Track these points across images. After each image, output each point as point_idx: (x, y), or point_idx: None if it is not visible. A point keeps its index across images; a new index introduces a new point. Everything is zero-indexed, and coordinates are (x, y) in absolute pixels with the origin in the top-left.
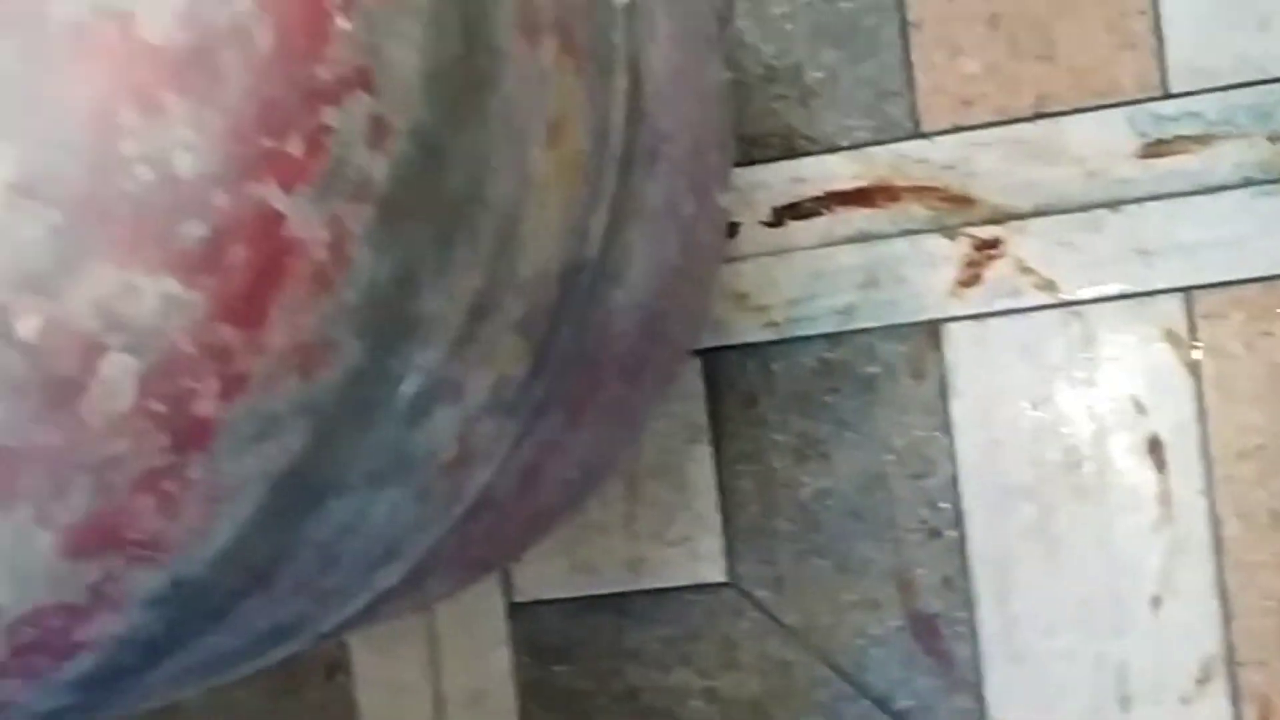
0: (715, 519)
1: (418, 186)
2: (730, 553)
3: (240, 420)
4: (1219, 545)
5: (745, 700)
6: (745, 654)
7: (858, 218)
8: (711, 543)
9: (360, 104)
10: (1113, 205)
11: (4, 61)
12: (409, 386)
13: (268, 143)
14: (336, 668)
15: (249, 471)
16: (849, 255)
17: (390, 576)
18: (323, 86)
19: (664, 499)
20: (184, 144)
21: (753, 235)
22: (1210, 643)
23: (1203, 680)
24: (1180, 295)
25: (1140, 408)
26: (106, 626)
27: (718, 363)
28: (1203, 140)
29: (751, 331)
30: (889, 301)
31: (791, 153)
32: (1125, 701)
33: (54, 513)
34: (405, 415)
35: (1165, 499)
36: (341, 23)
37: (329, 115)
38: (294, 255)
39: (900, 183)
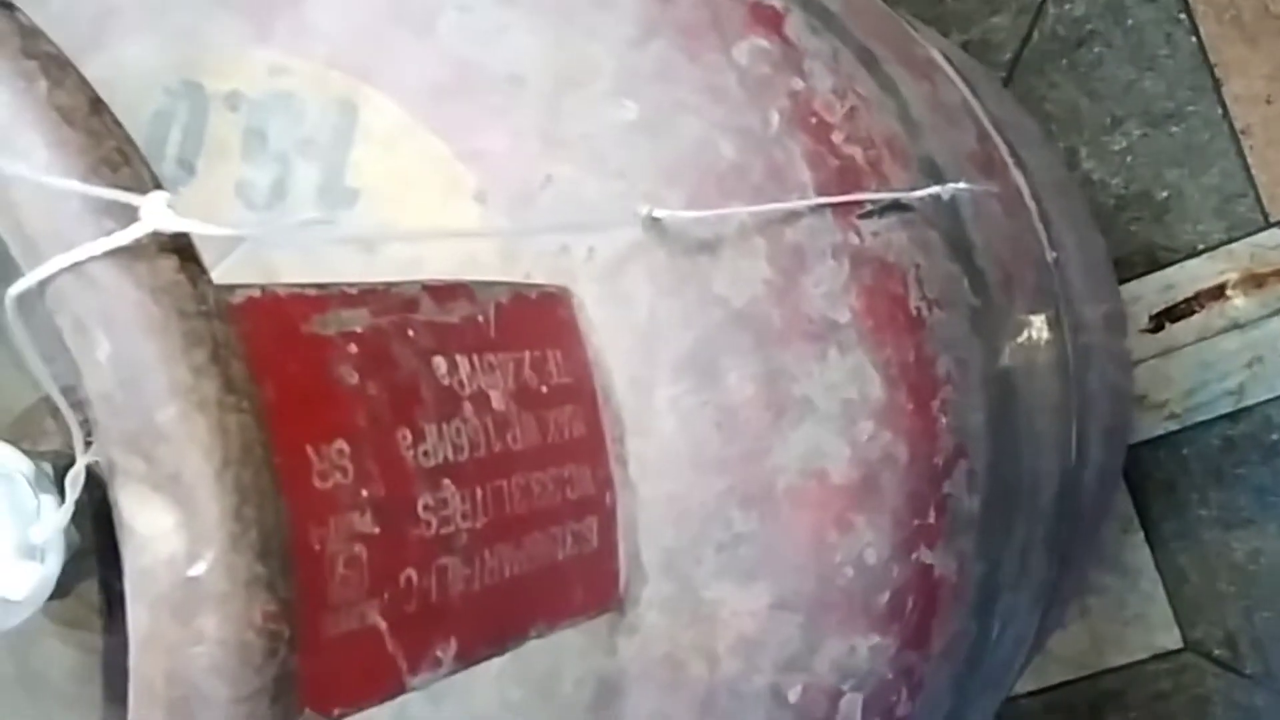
0: (1160, 594)
1: (993, 501)
2: (1181, 621)
3: (920, 709)
4: None
5: None
6: (1215, 707)
7: (1230, 308)
8: (1162, 615)
9: (961, 469)
10: None
11: (750, 527)
12: (994, 631)
13: (916, 522)
14: None
15: None
16: (1229, 342)
17: None
18: (940, 469)
19: (1111, 586)
20: (869, 543)
21: (1138, 342)
22: None
23: None
24: None
25: None
26: None
27: (1134, 459)
28: None
29: (1156, 426)
30: (1276, 374)
31: (1156, 265)
32: None
33: None
34: (992, 649)
35: None
36: (943, 420)
37: (947, 486)
38: (941, 589)
39: (1262, 269)
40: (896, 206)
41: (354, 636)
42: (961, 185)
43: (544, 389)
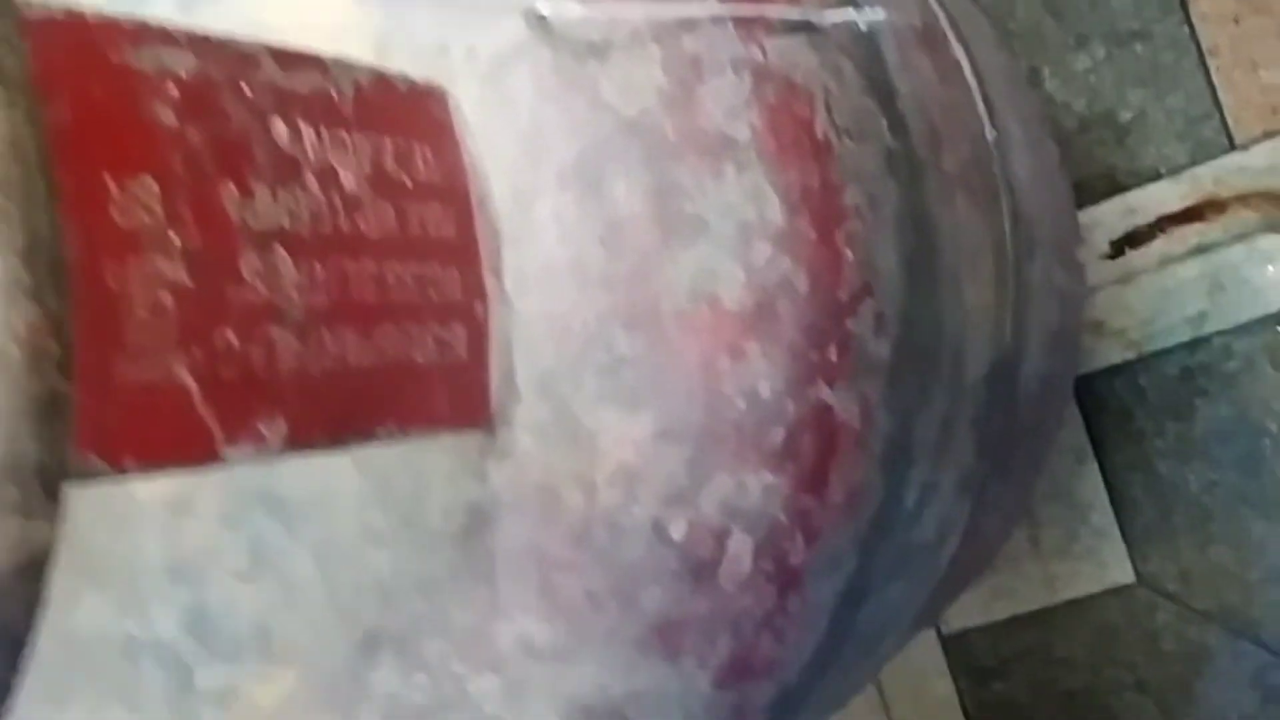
0: (1113, 527)
1: (905, 352)
2: (1134, 555)
3: (816, 560)
4: None
5: (1175, 685)
6: (1167, 643)
7: (1192, 234)
8: (1115, 549)
9: (868, 307)
10: None
11: (635, 350)
12: (910, 501)
13: (815, 356)
14: None
15: (823, 596)
16: (1190, 269)
17: (891, 648)
18: (844, 304)
19: (1062, 518)
20: (762, 374)
21: (1097, 269)
22: None
23: None
24: None
25: None
26: None
27: (1089, 387)
28: None
29: (1114, 354)
30: (1236, 302)
31: (1118, 189)
32: None
33: (707, 658)
34: (909, 522)
35: None
36: (849, 254)
37: (851, 323)
38: (841, 432)
39: (1226, 194)
40: (806, 27)
41: (156, 389)
42: (879, 14)
43: (408, 182)
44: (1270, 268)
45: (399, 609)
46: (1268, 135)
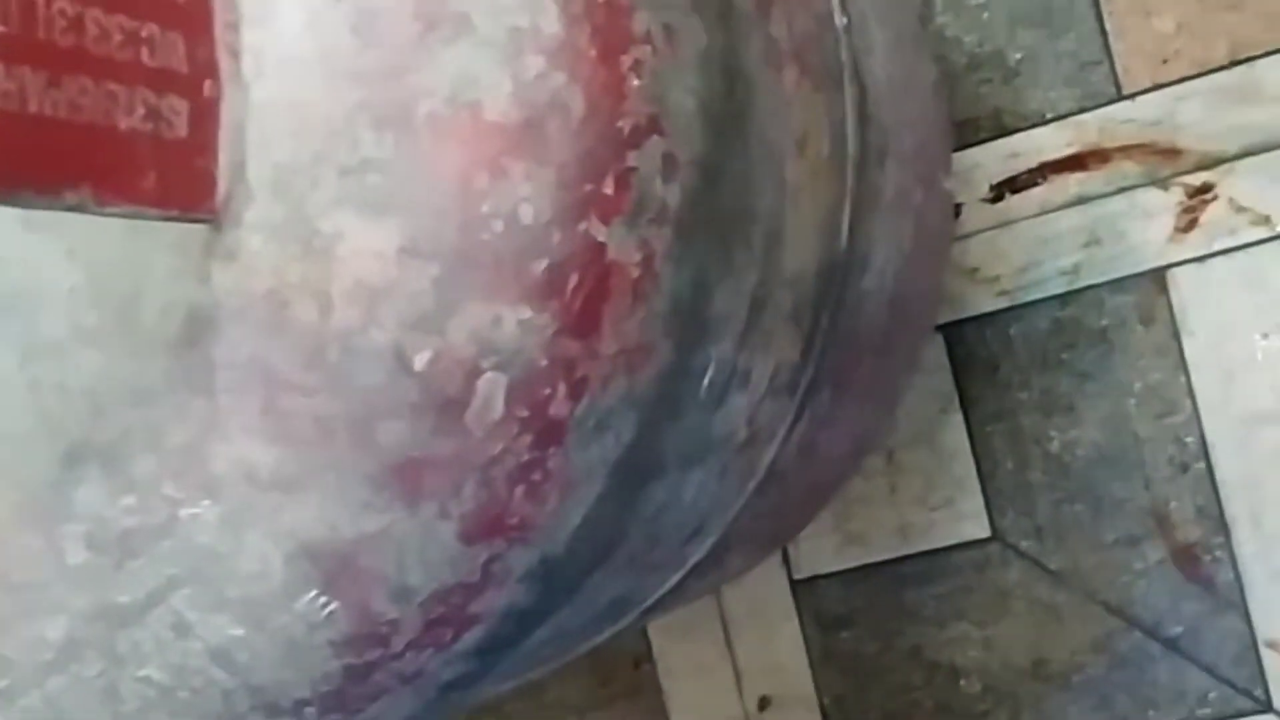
0: (973, 479)
1: (702, 207)
2: (991, 509)
3: (584, 416)
4: None
5: (1021, 644)
6: (1016, 601)
7: (1073, 183)
8: (972, 502)
9: (655, 145)
10: None
11: (382, 153)
12: (708, 378)
13: (588, 187)
14: (642, 658)
15: (592, 461)
16: (1069, 219)
17: (699, 551)
18: (625, 136)
19: (922, 466)
20: (525, 198)
21: (976, 213)
22: None
23: None
24: None
25: None
26: (492, 601)
27: (959, 334)
28: None
29: (986, 301)
30: (1112, 257)
31: (1002, 131)
32: None
33: (451, 507)
34: (706, 403)
35: None
36: (634, 81)
37: (632, 158)
38: (615, 276)
39: (1110, 144)
40: None
41: None
42: None
43: None
44: (1149, 223)
45: (108, 420)
46: (1157, 86)
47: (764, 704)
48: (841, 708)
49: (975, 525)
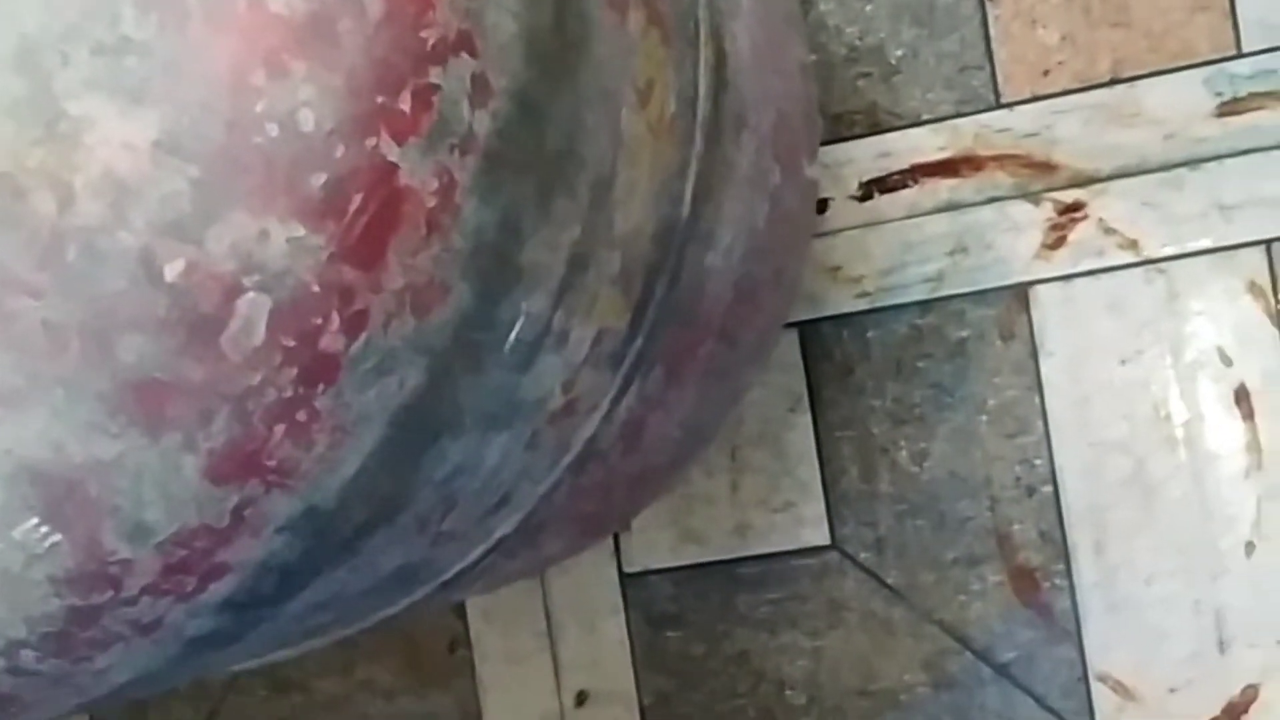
0: (816, 484)
1: (518, 141)
2: (833, 516)
3: (361, 355)
4: None
5: (851, 658)
6: (850, 614)
7: (944, 188)
8: (814, 507)
9: (463, 65)
10: (1192, 164)
11: (145, 34)
12: (516, 332)
13: (381, 100)
14: (458, 642)
15: (371, 406)
16: (937, 225)
17: (505, 525)
18: (429, 49)
19: (767, 467)
20: (307, 102)
21: (843, 210)
22: None
23: None
24: (1262, 248)
25: (1226, 359)
26: (246, 550)
27: (814, 334)
28: (1278, 96)
29: (845, 302)
30: (977, 267)
31: (877, 128)
32: (1224, 645)
33: (198, 440)
34: (513, 361)
35: (1254, 447)
36: None
37: (435, 74)
38: (407, 202)
39: (984, 152)
40: None
41: None
42: None
43: None
44: (1017, 237)
45: None
46: (1036, 98)
47: (581, 699)
48: (661, 708)
49: (815, 532)
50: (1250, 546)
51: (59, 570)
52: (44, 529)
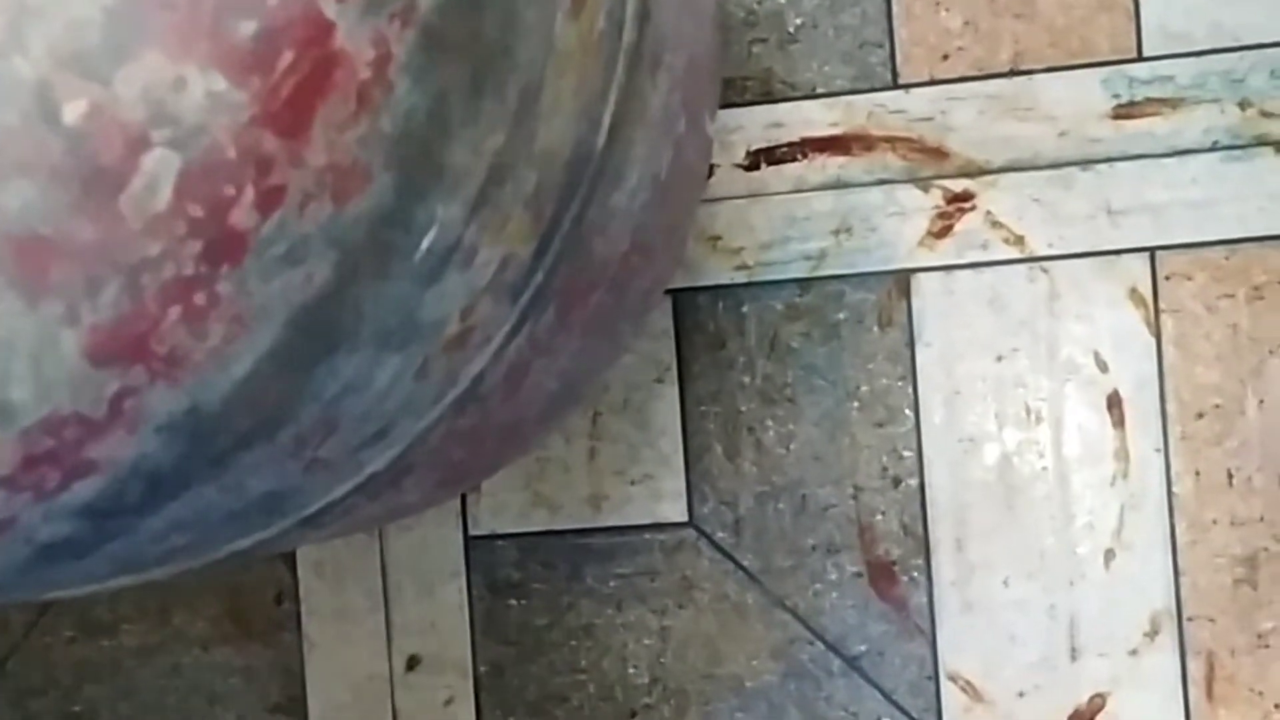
0: (678, 459)
1: (456, 20)
2: (691, 493)
3: (272, 237)
4: (1172, 502)
5: (699, 640)
6: (702, 594)
7: (833, 165)
8: (673, 482)
9: None
10: (1084, 164)
11: None
12: (430, 240)
13: None
14: (285, 594)
15: (274, 299)
16: (823, 202)
17: (378, 460)
18: None
19: (628, 437)
20: None
21: (728, 178)
22: (1160, 597)
23: (1151, 634)
24: (1145, 255)
25: (1102, 364)
26: (118, 449)
27: (688, 303)
28: (1174, 104)
29: (723, 273)
30: (860, 249)
31: (769, 97)
32: (1075, 652)
33: (82, 312)
34: (420, 273)
35: (1122, 455)
36: None
37: None
38: (340, 68)
39: (876, 132)
40: None
41: None
42: None
43: None
44: (903, 222)
45: None
46: (933, 81)
47: (412, 663)
48: (496, 679)
49: (672, 508)
50: (1110, 554)
51: None
52: None
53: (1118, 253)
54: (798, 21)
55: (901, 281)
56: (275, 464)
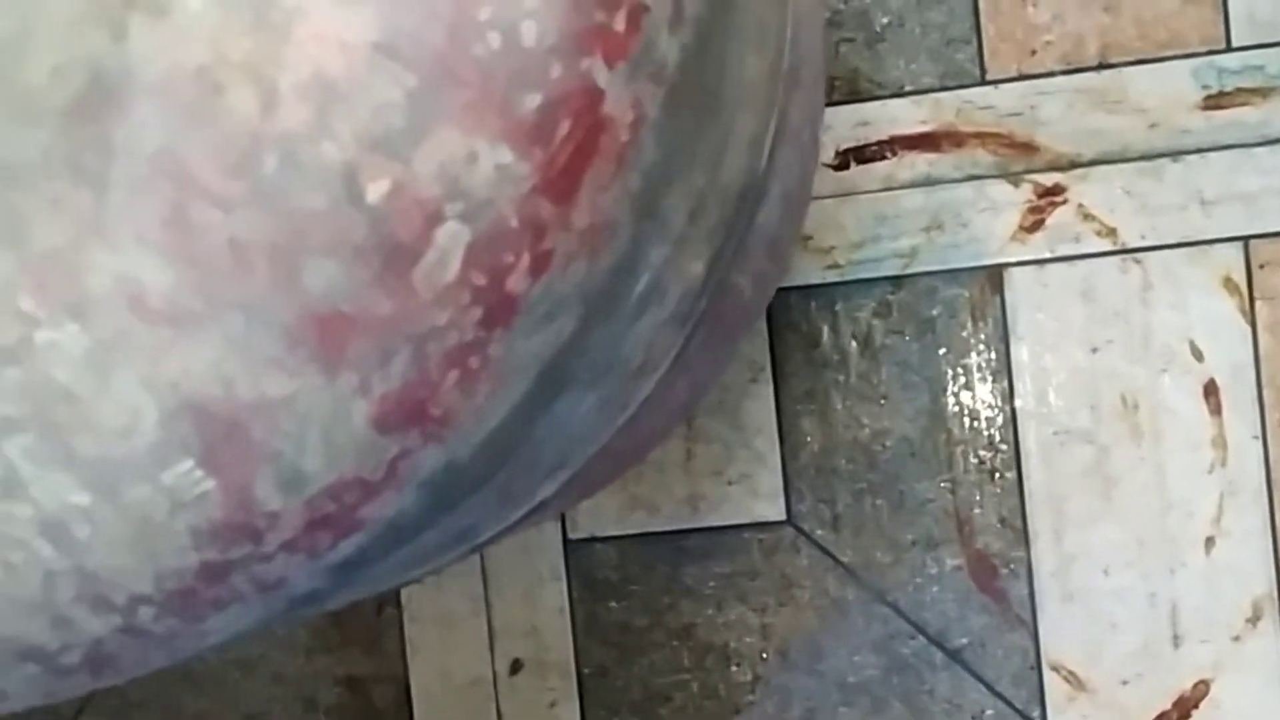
0: (774, 457)
1: (691, 73)
2: (789, 491)
3: (539, 299)
4: (1271, 488)
5: (801, 637)
6: (802, 592)
7: (922, 162)
8: (770, 481)
9: None
10: (1174, 155)
11: None
12: (642, 284)
13: (599, 16)
14: (385, 601)
15: (530, 355)
16: (913, 199)
17: (550, 487)
18: None
19: (724, 437)
20: (531, 12)
21: (818, 178)
22: (1261, 583)
23: (1253, 619)
24: (1239, 244)
25: (1197, 353)
26: (385, 507)
27: (781, 303)
28: (1263, 93)
29: (815, 273)
30: (952, 245)
31: (857, 96)
32: (1177, 640)
33: (374, 383)
34: (631, 314)
35: (1220, 443)
36: None
37: None
38: (606, 132)
39: (965, 128)
40: None
41: None
42: None
43: None
44: (994, 217)
45: None
46: (1022, 77)
47: (516, 667)
48: (600, 680)
49: (770, 506)
50: (1210, 542)
51: (203, 521)
52: (197, 474)
53: (1210, 242)
54: (884, 20)
55: (994, 276)
56: (484, 503)
